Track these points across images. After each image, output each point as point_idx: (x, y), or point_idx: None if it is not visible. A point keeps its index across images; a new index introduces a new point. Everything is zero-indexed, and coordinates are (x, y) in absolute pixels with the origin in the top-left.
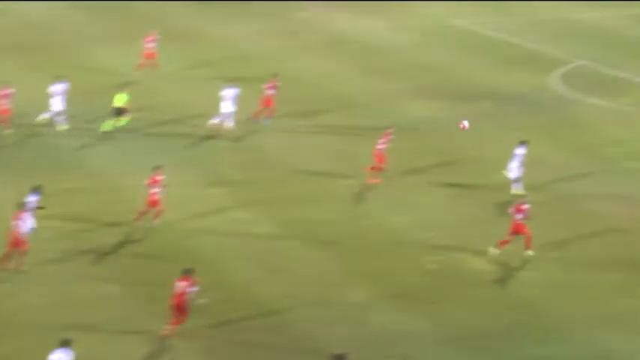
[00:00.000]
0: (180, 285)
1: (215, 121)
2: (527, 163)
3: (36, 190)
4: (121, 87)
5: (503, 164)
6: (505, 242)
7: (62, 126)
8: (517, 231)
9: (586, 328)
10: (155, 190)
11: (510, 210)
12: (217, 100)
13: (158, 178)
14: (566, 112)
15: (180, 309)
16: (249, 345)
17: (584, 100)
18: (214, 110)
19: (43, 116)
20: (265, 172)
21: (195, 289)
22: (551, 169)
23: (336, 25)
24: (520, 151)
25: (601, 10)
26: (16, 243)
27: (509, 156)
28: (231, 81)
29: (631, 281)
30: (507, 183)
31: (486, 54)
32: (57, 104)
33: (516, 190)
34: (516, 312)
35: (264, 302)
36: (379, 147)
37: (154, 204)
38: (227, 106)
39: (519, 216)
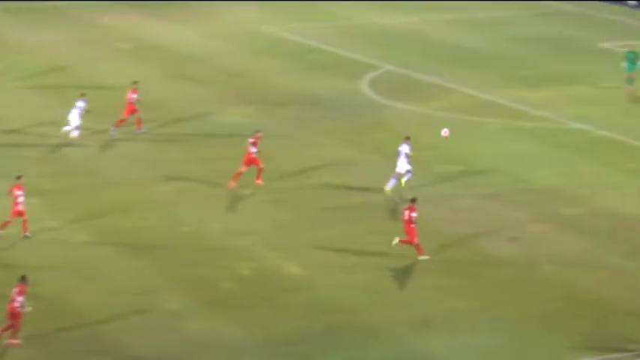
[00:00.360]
0: (14, 292)
1: (67, 129)
2: (341, 167)
3: None
4: None
5: (317, 169)
6: (416, 245)
7: None
8: (406, 232)
9: (405, 331)
10: (19, 199)
11: (403, 213)
12: (34, 110)
13: (19, 187)
14: (376, 117)
15: (12, 316)
16: (65, 355)
17: (394, 105)
18: (28, 120)
19: None
20: (79, 181)
21: (21, 297)
22: (362, 173)
23: (146, 32)
24: (404, 148)
25: (407, 15)
26: None
27: (324, 160)
28: (47, 89)
29: (448, 284)
30: (324, 186)
31: (295, 59)
32: None
33: (405, 181)
34: (334, 316)
35: (81, 311)
36: (251, 151)
37: (19, 214)
38: (75, 117)
39: (409, 218)
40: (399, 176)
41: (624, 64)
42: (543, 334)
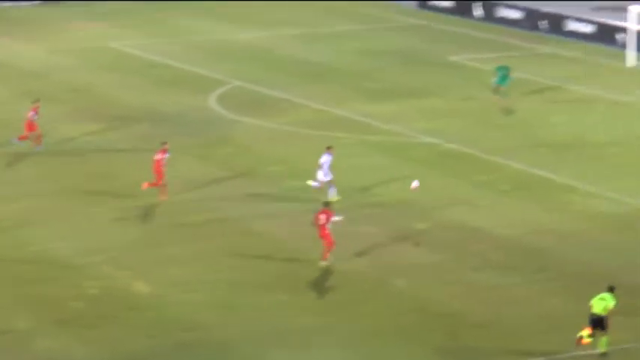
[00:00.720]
0: None
1: None
2: (191, 183)
3: None
4: None
5: (166, 185)
6: (329, 249)
7: None
8: (322, 237)
9: (255, 348)
10: None
11: (316, 216)
12: None
13: None
14: (225, 133)
15: None
16: None
17: (243, 120)
18: None
19: None
20: None
21: None
22: (212, 188)
23: None
24: (325, 158)
25: (255, 30)
26: None
27: (173, 176)
28: None
29: (301, 300)
30: (173, 203)
31: (143, 76)
32: None
33: (332, 196)
34: (185, 334)
35: None
36: (157, 161)
37: None
38: None
39: (325, 222)
40: (331, 182)
41: (494, 80)
42: (398, 347)
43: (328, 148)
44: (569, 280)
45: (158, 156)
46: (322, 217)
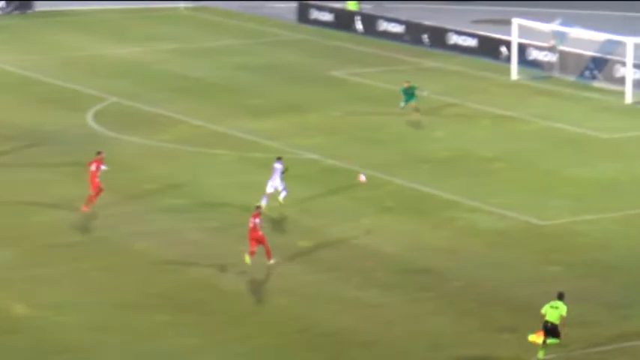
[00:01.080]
0: None
1: None
2: (67, 202)
3: None
4: None
5: (41, 205)
6: (252, 253)
7: None
8: (256, 240)
9: None
10: None
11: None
12: None
13: None
14: (102, 150)
15: None
16: None
17: (121, 137)
18: None
19: None
20: None
21: None
22: (99, 209)
23: None
24: (277, 165)
25: (131, 45)
26: None
27: (48, 196)
28: None
29: (178, 320)
30: (49, 223)
31: (18, 92)
32: None
33: (283, 198)
34: (62, 356)
35: None
36: (92, 172)
37: None
38: None
39: (256, 224)
40: (270, 195)
41: (402, 103)
42: None
43: (279, 158)
44: (454, 296)
45: (93, 166)
46: (251, 220)
